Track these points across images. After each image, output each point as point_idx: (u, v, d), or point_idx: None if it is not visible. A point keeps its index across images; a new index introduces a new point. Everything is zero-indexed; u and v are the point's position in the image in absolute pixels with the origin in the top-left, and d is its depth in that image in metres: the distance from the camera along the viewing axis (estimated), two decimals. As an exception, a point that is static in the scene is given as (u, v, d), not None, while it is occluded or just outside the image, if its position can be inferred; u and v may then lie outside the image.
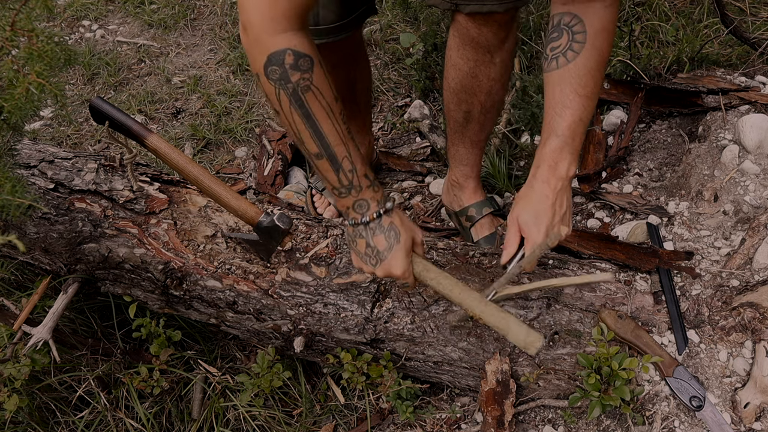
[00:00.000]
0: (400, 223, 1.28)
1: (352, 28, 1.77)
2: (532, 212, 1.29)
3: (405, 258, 1.28)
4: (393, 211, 1.28)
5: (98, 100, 1.42)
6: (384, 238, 1.27)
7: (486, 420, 1.43)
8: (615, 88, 2.20)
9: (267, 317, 1.55)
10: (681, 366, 1.38)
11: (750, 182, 1.68)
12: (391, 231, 1.27)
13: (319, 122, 1.18)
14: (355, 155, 1.22)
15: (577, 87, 1.24)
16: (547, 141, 1.28)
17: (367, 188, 1.25)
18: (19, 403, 1.47)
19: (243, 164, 2.47)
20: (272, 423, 1.64)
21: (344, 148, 1.21)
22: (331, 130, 1.19)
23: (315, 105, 1.16)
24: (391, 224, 1.27)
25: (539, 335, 1.24)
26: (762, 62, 2.13)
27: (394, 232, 1.27)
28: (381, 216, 1.26)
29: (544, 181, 1.28)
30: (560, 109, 1.26)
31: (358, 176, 1.23)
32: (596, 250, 1.65)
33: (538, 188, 1.29)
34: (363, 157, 1.25)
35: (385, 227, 1.27)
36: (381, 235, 1.27)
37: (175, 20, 3.20)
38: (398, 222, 1.28)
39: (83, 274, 1.62)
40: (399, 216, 1.29)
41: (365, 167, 1.25)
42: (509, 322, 1.27)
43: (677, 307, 1.46)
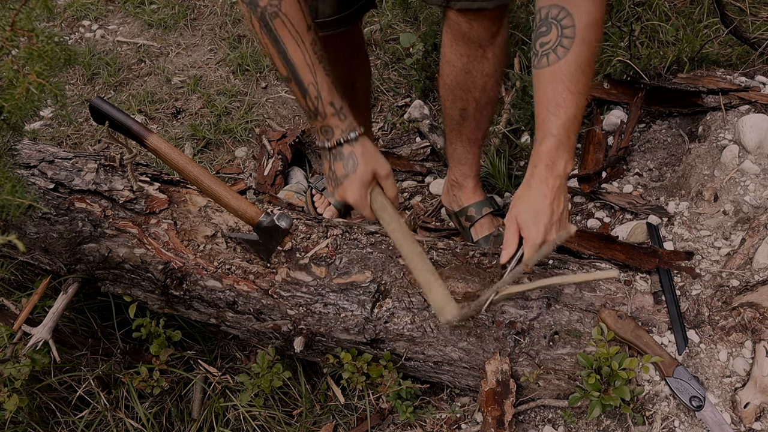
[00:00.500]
0: (360, 154, 1.33)
1: (351, 22, 1.78)
2: (531, 211, 1.30)
3: (360, 188, 1.34)
4: (357, 141, 1.34)
5: (98, 100, 1.42)
6: (342, 165, 1.34)
7: (486, 420, 1.43)
8: (615, 88, 2.20)
9: (267, 317, 1.55)
10: (681, 366, 1.38)
11: (750, 182, 1.68)
12: (350, 160, 1.33)
13: (287, 48, 1.26)
14: (321, 82, 1.29)
15: (569, 85, 1.24)
16: (543, 140, 1.28)
17: (332, 116, 1.32)
18: (19, 403, 1.47)
19: (243, 164, 2.47)
20: (272, 423, 1.64)
21: (311, 76, 1.28)
22: (298, 57, 1.27)
23: (283, 31, 1.24)
24: (351, 153, 1.33)
25: (455, 310, 1.29)
26: (762, 62, 2.13)
27: (353, 162, 1.33)
28: (342, 144, 1.33)
29: (542, 180, 1.29)
30: (554, 108, 1.26)
31: (323, 103, 1.30)
32: (596, 250, 1.65)
33: (536, 187, 1.29)
34: (331, 85, 1.31)
35: (345, 155, 1.34)
36: (340, 162, 1.34)
37: (175, 20, 3.20)
38: (359, 152, 1.33)
39: (83, 274, 1.62)
40: (362, 146, 1.34)
41: (332, 95, 1.31)
42: (433, 284, 1.32)
43: (677, 307, 1.46)
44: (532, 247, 1.30)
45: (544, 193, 1.29)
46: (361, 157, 1.34)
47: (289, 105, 2.72)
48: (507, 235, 1.34)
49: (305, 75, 1.29)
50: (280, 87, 2.81)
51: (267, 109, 2.70)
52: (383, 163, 1.37)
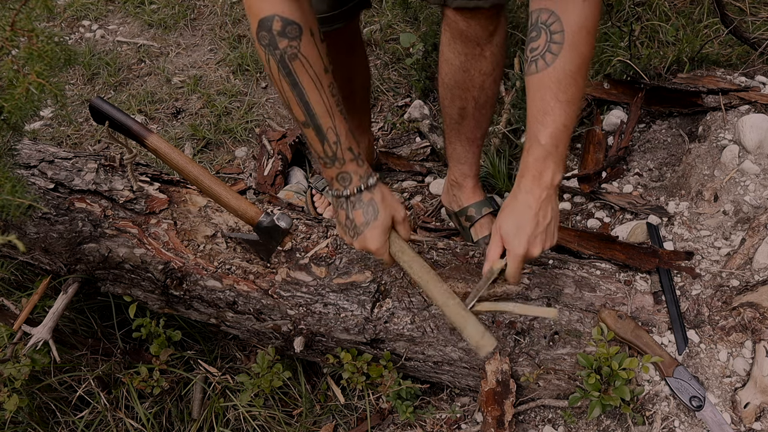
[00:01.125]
0: (380, 200, 1.30)
1: (345, 19, 1.78)
2: (514, 223, 1.27)
3: (381, 235, 1.31)
4: (375, 187, 1.30)
5: (98, 100, 1.42)
6: (362, 213, 1.30)
7: (486, 420, 1.43)
8: (615, 88, 2.20)
9: (267, 317, 1.55)
10: (681, 366, 1.38)
11: (750, 182, 1.68)
12: (370, 207, 1.29)
13: (306, 91, 1.21)
14: (340, 128, 1.25)
15: (557, 93, 1.20)
16: (530, 149, 1.26)
17: (350, 161, 1.27)
18: (19, 403, 1.47)
19: (243, 164, 2.47)
20: (272, 423, 1.64)
21: (330, 120, 1.23)
22: (317, 101, 1.22)
23: (302, 74, 1.19)
24: (371, 200, 1.29)
25: (493, 341, 1.27)
26: (762, 62, 2.13)
27: (373, 209, 1.29)
28: (362, 191, 1.29)
29: (528, 191, 1.26)
30: (541, 116, 1.22)
31: (342, 149, 1.26)
32: (596, 250, 1.65)
33: (522, 198, 1.27)
34: (349, 131, 1.27)
35: (364, 202, 1.29)
36: (360, 209, 1.30)
37: (175, 20, 3.20)
38: (379, 199, 1.30)
39: (83, 274, 1.62)
40: (381, 192, 1.31)
41: (350, 141, 1.27)
42: (467, 320, 1.29)
43: (677, 307, 1.46)
44: (514, 258, 1.28)
45: (530, 204, 1.26)
46: (381, 203, 1.30)
47: (289, 105, 2.72)
48: (490, 246, 1.32)
49: (324, 119, 1.24)
50: (280, 87, 2.81)
51: (267, 109, 2.70)
52: (399, 208, 1.35)
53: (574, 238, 1.72)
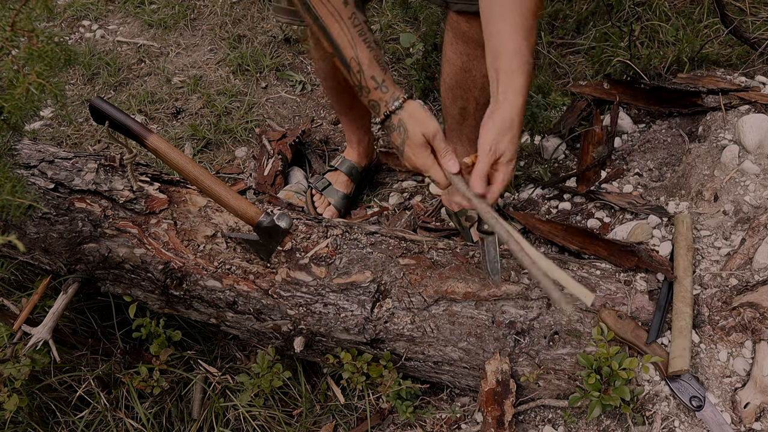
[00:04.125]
0: (407, 119, 1.34)
1: None
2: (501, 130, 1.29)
3: (418, 152, 1.34)
4: (401, 109, 1.34)
5: (98, 100, 1.42)
6: (396, 135, 1.35)
7: (486, 420, 1.43)
8: (615, 88, 2.20)
9: (267, 317, 1.55)
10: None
11: (750, 182, 1.68)
12: (400, 128, 1.34)
13: (326, 24, 1.29)
14: (363, 57, 1.31)
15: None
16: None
17: (374, 90, 1.33)
18: (19, 403, 1.47)
19: (243, 164, 2.47)
20: (272, 423, 1.64)
21: (351, 50, 1.30)
22: (339, 33, 1.29)
23: (321, 9, 1.28)
24: (399, 122, 1.34)
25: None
26: (762, 62, 2.13)
27: (403, 128, 1.34)
28: (389, 116, 1.35)
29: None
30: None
31: (365, 78, 1.32)
32: (581, 245, 1.67)
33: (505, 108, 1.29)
34: (373, 59, 1.32)
35: (395, 125, 1.35)
36: (394, 132, 1.36)
37: (175, 20, 3.20)
38: (406, 118, 1.34)
39: (83, 274, 1.62)
40: (408, 112, 1.34)
41: (373, 69, 1.32)
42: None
43: (664, 313, 1.45)
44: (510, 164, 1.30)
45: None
46: (408, 122, 1.34)
47: (289, 105, 2.72)
48: (481, 163, 1.30)
49: (346, 51, 1.31)
50: (279, 87, 2.81)
51: (267, 109, 2.70)
52: (429, 123, 1.35)
53: (560, 232, 1.75)
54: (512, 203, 2.09)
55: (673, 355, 1.38)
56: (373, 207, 2.25)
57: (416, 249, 1.60)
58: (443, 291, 1.50)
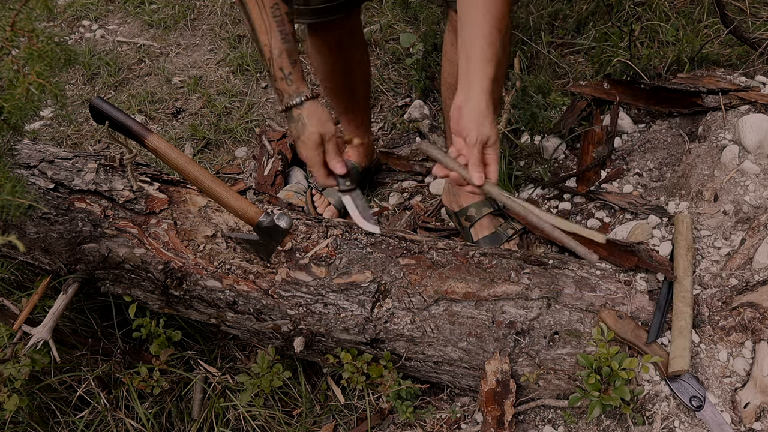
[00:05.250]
0: (307, 116, 1.40)
1: (343, 11, 1.79)
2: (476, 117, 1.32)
3: (310, 148, 1.42)
4: (303, 104, 1.41)
5: (98, 100, 1.42)
6: (294, 127, 1.43)
7: (486, 420, 1.43)
8: (615, 88, 2.20)
9: (267, 317, 1.55)
10: (681, 366, 1.38)
11: (750, 182, 1.68)
12: (299, 123, 1.41)
13: (249, 8, 1.36)
14: (275, 47, 1.38)
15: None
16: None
17: (280, 80, 1.40)
18: (19, 403, 1.47)
19: (243, 164, 2.47)
20: (272, 423, 1.64)
21: (266, 38, 1.38)
22: (257, 18, 1.36)
23: None
24: (299, 116, 1.41)
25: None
26: (762, 62, 2.13)
27: (301, 124, 1.41)
28: (290, 108, 1.41)
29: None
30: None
31: (274, 66, 1.39)
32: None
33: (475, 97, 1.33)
34: (284, 51, 1.39)
35: (294, 118, 1.42)
36: (292, 124, 1.43)
37: (175, 20, 3.20)
38: (306, 115, 1.41)
39: (83, 274, 1.62)
40: (309, 110, 1.41)
41: (283, 61, 1.39)
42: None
43: (664, 313, 1.45)
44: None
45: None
46: (307, 119, 1.41)
47: (289, 105, 2.72)
48: (473, 160, 1.34)
49: (262, 36, 1.37)
50: (280, 87, 2.81)
51: (267, 109, 2.70)
52: (327, 126, 1.42)
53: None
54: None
55: (673, 355, 1.38)
56: (373, 207, 2.25)
57: (416, 249, 1.60)
58: (443, 291, 1.50)
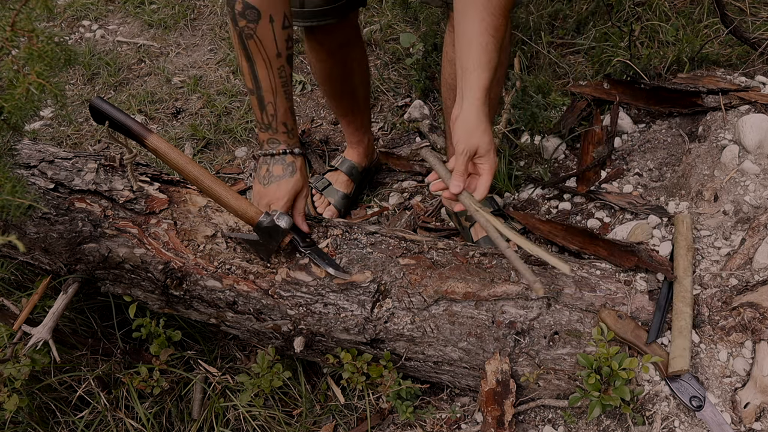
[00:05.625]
0: (299, 167, 1.53)
1: (339, 14, 1.79)
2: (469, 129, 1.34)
3: (288, 191, 1.51)
4: (299, 157, 1.54)
5: (98, 100, 1.42)
6: (282, 168, 1.52)
7: (486, 420, 1.43)
8: (615, 88, 2.20)
9: (267, 317, 1.55)
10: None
11: (750, 182, 1.68)
12: (290, 167, 1.52)
13: (257, 67, 1.43)
14: (280, 105, 1.47)
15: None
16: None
17: (283, 133, 1.51)
18: (19, 403, 1.47)
19: (243, 164, 2.47)
20: (272, 423, 1.64)
21: (272, 96, 1.47)
22: (264, 77, 1.44)
23: (255, 52, 1.41)
24: (292, 162, 1.52)
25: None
26: (762, 62, 2.13)
27: (292, 168, 1.52)
28: (286, 153, 1.52)
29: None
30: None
31: (278, 122, 1.49)
32: (581, 245, 1.67)
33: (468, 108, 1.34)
34: (288, 110, 1.50)
35: (287, 162, 1.52)
36: (281, 165, 1.52)
37: (175, 20, 3.20)
38: (299, 165, 1.53)
39: (83, 274, 1.62)
40: (301, 164, 1.54)
41: (287, 118, 1.50)
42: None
43: (664, 313, 1.45)
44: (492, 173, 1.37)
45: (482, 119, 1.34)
46: (299, 170, 1.53)
47: (289, 105, 2.72)
48: (459, 165, 1.36)
49: (267, 94, 1.46)
50: (280, 87, 2.80)
51: (267, 109, 2.70)
52: (307, 186, 1.57)
53: (560, 232, 1.75)
54: (512, 203, 2.09)
55: (673, 355, 1.38)
56: (373, 207, 2.25)
57: (416, 249, 1.60)
58: (443, 291, 1.50)
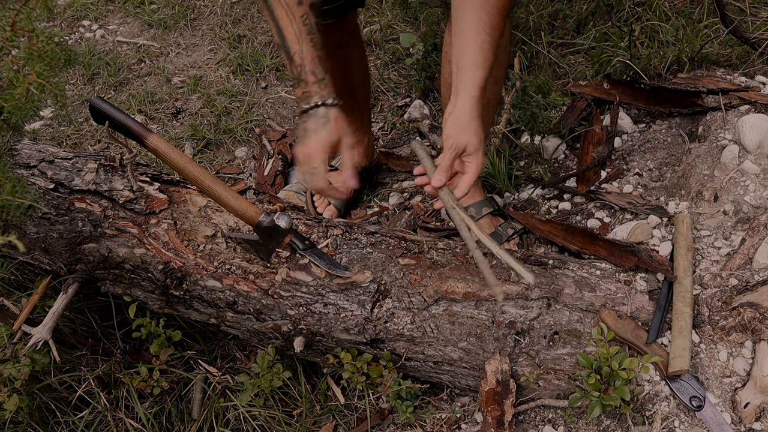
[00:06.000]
0: (334, 118, 1.41)
1: (338, 14, 1.80)
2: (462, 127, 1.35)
3: (322, 141, 1.40)
4: (332, 107, 1.42)
5: (98, 100, 1.42)
6: (314, 121, 1.41)
7: (486, 420, 1.43)
8: (615, 88, 2.20)
9: (267, 317, 1.55)
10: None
11: (750, 182, 1.68)
12: (324, 118, 1.41)
13: (279, 18, 1.38)
14: (307, 53, 1.39)
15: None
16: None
17: (313, 83, 1.41)
18: (19, 403, 1.47)
19: (243, 164, 2.47)
20: (272, 423, 1.64)
21: (297, 45, 1.38)
22: (287, 27, 1.38)
23: (276, 3, 1.36)
24: (326, 113, 1.41)
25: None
26: (762, 62, 2.12)
27: (325, 119, 1.41)
28: (319, 106, 1.41)
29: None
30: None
31: (306, 71, 1.40)
32: (581, 245, 1.67)
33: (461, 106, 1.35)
34: (315, 58, 1.41)
35: (320, 114, 1.41)
36: (312, 118, 1.41)
37: (175, 20, 3.20)
38: (333, 116, 1.41)
39: (83, 274, 1.62)
40: (337, 114, 1.42)
41: (315, 65, 1.41)
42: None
43: (664, 313, 1.45)
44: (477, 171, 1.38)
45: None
46: (333, 120, 1.41)
47: (289, 105, 2.72)
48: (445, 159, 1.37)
49: (293, 44, 1.38)
50: (280, 87, 2.81)
51: (267, 109, 2.70)
52: (350, 135, 1.44)
53: (560, 232, 1.75)
54: (512, 203, 2.09)
55: (673, 355, 1.38)
56: (373, 207, 2.25)
57: (416, 249, 1.60)
58: (443, 291, 1.50)
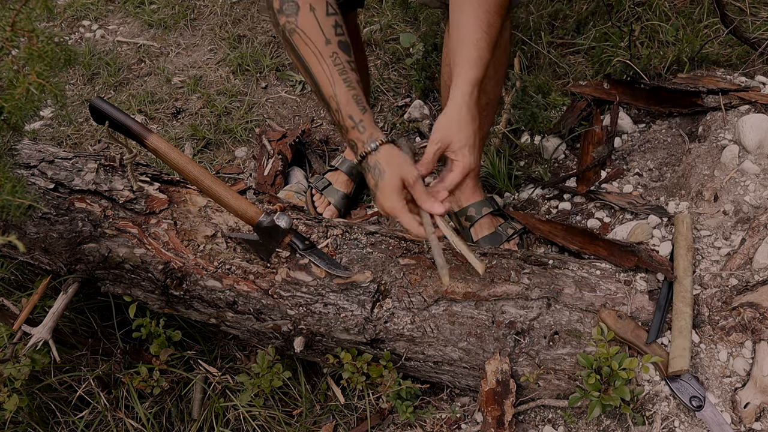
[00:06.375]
0: (385, 162, 1.30)
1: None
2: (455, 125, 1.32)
3: (390, 196, 1.30)
4: (378, 150, 1.31)
5: (98, 100, 1.42)
6: (371, 176, 1.32)
7: (486, 420, 1.43)
8: (615, 88, 2.20)
9: (267, 317, 1.55)
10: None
11: (750, 182, 1.68)
12: (376, 169, 1.31)
13: (307, 62, 1.30)
14: (341, 96, 1.30)
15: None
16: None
17: (352, 129, 1.31)
18: (19, 403, 1.47)
19: (243, 164, 2.47)
20: (272, 423, 1.64)
21: (330, 89, 1.30)
22: (318, 71, 1.30)
23: (302, 46, 1.29)
24: (376, 163, 1.31)
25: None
26: (762, 62, 2.12)
27: (378, 170, 1.31)
28: (365, 156, 1.32)
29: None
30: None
31: (343, 116, 1.31)
32: (581, 245, 1.67)
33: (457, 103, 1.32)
34: (351, 98, 1.31)
35: (371, 166, 1.32)
36: (369, 173, 1.32)
37: (175, 20, 3.20)
38: (383, 161, 1.30)
39: (83, 274, 1.62)
40: (386, 154, 1.31)
41: (350, 108, 1.31)
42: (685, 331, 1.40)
43: (664, 313, 1.45)
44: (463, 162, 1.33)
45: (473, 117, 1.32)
46: (385, 165, 1.30)
47: (289, 105, 2.72)
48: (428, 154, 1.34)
49: (326, 89, 1.31)
50: (280, 87, 2.81)
51: (267, 109, 2.70)
52: (409, 169, 1.32)
53: (560, 232, 1.75)
54: (512, 203, 2.09)
55: (673, 355, 1.38)
56: (373, 207, 2.25)
57: (416, 249, 1.60)
58: (443, 291, 1.50)
